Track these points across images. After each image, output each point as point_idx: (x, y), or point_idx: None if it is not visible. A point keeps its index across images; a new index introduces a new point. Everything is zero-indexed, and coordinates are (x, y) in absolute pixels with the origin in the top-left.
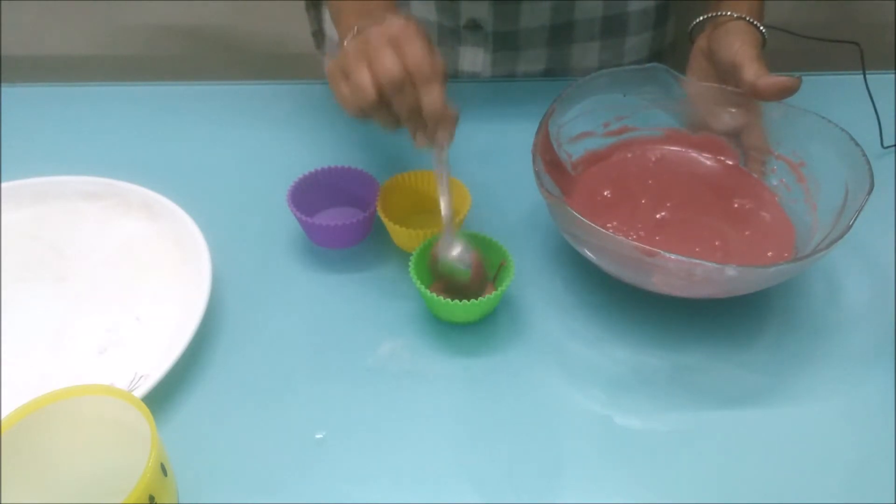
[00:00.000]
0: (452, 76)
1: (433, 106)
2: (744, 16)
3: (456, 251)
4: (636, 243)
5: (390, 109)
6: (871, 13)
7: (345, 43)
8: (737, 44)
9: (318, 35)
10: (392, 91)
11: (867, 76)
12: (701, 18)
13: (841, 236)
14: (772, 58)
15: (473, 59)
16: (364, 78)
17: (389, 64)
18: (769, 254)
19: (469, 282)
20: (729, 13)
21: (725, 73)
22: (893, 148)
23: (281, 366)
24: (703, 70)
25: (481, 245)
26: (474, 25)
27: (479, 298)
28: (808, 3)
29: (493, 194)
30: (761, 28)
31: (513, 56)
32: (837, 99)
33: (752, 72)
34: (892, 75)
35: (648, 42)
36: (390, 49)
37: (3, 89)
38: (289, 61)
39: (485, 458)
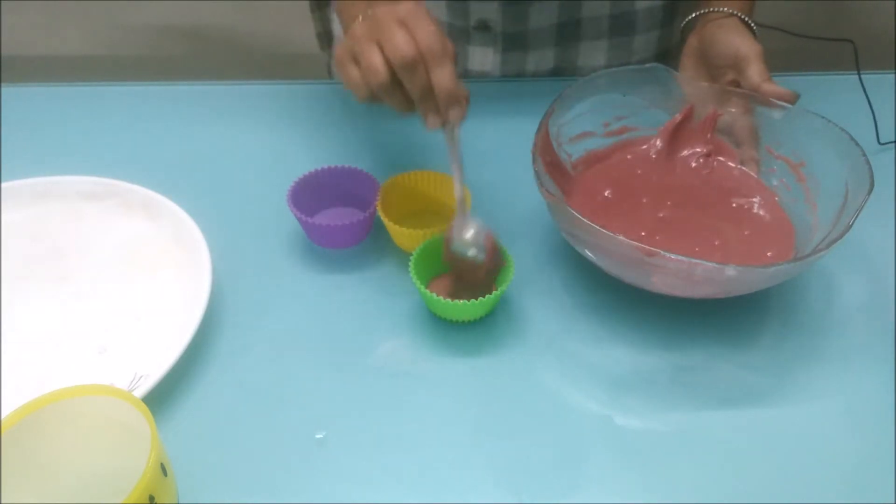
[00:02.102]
0: (462, 76)
1: (445, 84)
2: (736, 13)
3: (469, 233)
4: (636, 243)
5: (402, 91)
6: (868, 13)
7: (353, 27)
8: (737, 39)
9: (324, 36)
10: (404, 71)
11: (862, 75)
12: (693, 15)
13: (841, 236)
14: (767, 57)
15: (483, 59)
16: (376, 59)
17: (401, 43)
18: (769, 254)
19: (483, 264)
20: (722, 9)
21: (720, 69)
22: (892, 145)
23: (281, 366)
24: (694, 68)
25: None
26: (484, 26)
27: (479, 298)
28: (805, 3)
29: (493, 194)
30: (753, 26)
31: (522, 56)
32: (832, 98)
33: (758, 71)
34: (889, 74)
35: (656, 41)
36: (401, 29)
37: (3, 89)
38: (289, 61)
39: (484, 458)
